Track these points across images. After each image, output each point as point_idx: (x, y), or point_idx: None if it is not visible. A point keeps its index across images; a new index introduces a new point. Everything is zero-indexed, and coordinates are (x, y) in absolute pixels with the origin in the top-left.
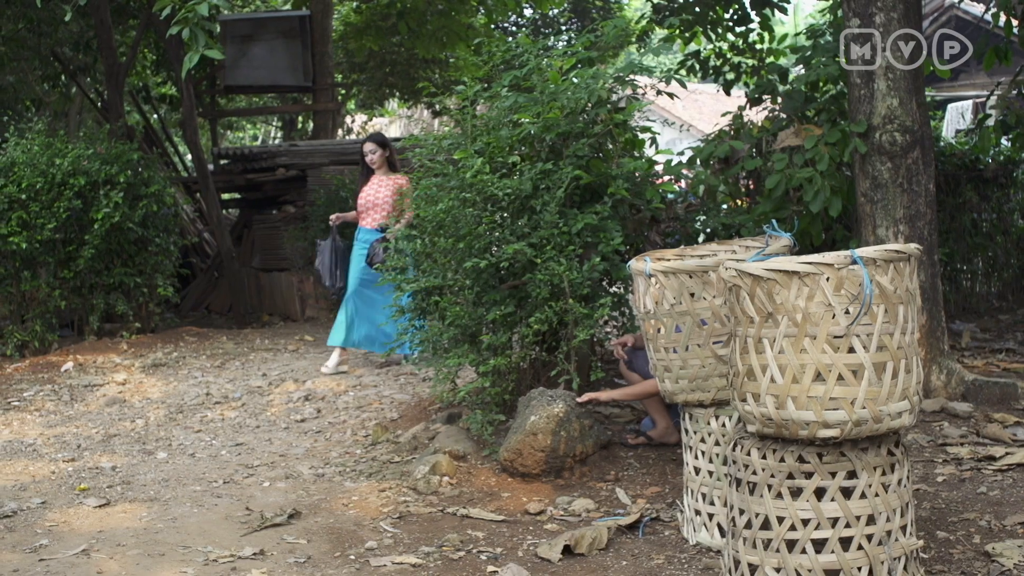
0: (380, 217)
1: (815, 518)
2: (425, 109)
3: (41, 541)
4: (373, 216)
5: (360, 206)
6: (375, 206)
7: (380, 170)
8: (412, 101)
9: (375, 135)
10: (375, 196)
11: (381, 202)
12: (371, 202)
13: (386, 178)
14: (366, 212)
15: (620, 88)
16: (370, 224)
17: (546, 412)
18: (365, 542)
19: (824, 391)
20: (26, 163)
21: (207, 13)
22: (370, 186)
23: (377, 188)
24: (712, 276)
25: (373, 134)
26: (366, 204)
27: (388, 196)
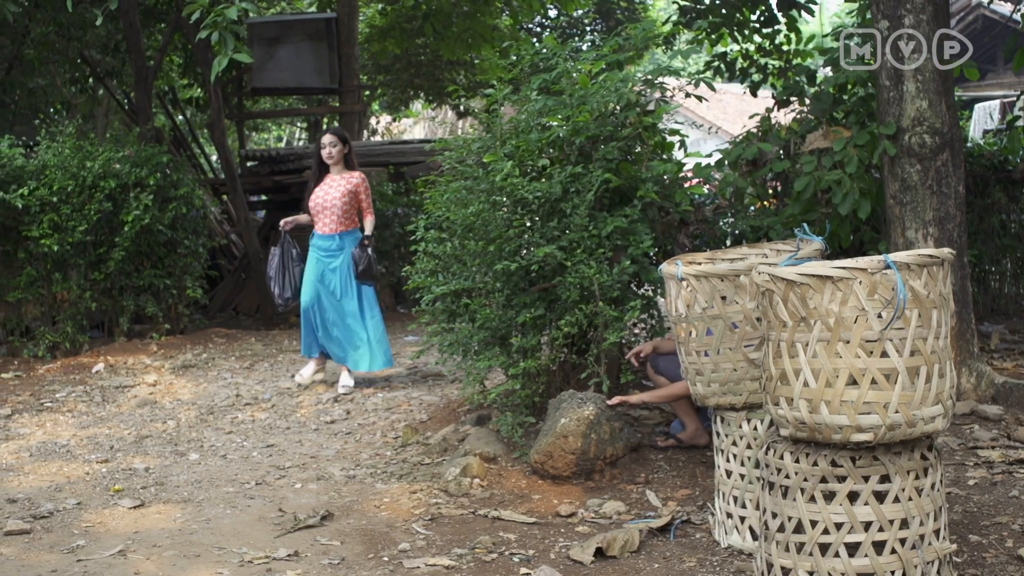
0: (333, 220)
1: (848, 522)
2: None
3: (78, 542)
4: (324, 220)
5: (312, 208)
6: (326, 208)
7: (335, 167)
8: (437, 102)
9: (336, 128)
10: (326, 197)
11: (331, 204)
12: (322, 204)
13: (339, 177)
14: (318, 215)
15: (649, 91)
16: (323, 228)
17: (576, 415)
18: (398, 544)
19: (858, 395)
20: (57, 166)
21: (236, 17)
22: (323, 186)
23: (329, 188)
24: (744, 280)
25: (334, 127)
26: (318, 206)
27: (339, 197)
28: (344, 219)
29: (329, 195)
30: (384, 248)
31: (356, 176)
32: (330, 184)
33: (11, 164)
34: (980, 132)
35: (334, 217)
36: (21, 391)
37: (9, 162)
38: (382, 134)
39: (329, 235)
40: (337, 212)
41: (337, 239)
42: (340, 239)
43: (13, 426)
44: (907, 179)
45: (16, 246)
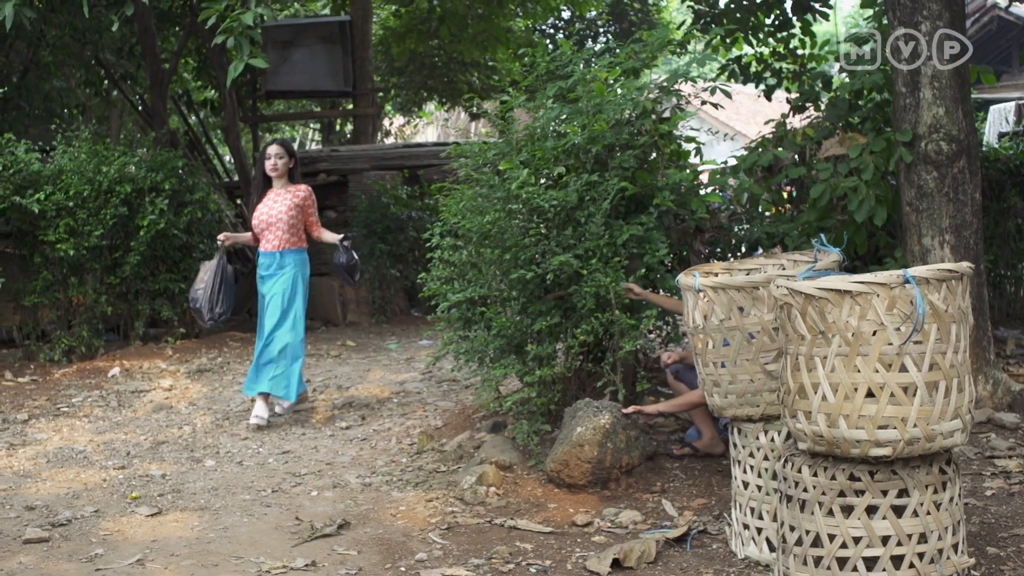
0: (278, 237)
1: (866, 536)
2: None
3: (96, 550)
4: (269, 237)
5: (256, 226)
6: (272, 224)
7: (280, 180)
8: (450, 104)
9: (283, 139)
10: (271, 212)
11: (277, 219)
12: (267, 220)
13: (284, 191)
14: (263, 232)
15: (665, 98)
16: (267, 246)
17: (592, 423)
18: (415, 553)
19: (876, 410)
20: (73, 171)
21: (252, 23)
22: (267, 201)
23: (274, 202)
24: (762, 292)
25: (280, 138)
26: (263, 222)
27: (285, 211)
28: (291, 235)
29: (275, 210)
30: (399, 252)
31: (303, 189)
32: (274, 199)
33: (28, 169)
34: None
35: (279, 233)
36: (38, 396)
37: (26, 167)
38: (395, 136)
39: (271, 252)
40: (284, 227)
41: (279, 257)
42: (282, 257)
43: (30, 431)
44: (923, 186)
45: (32, 250)
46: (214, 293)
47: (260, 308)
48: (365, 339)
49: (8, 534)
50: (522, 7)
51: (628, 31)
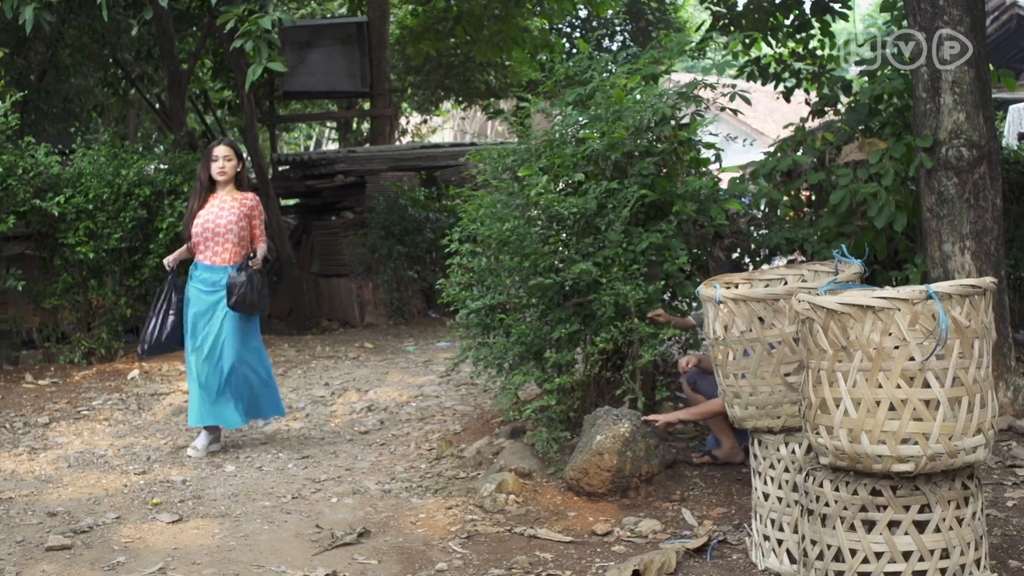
0: (225, 250)
1: (888, 551)
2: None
3: (118, 558)
4: (214, 248)
5: (196, 234)
6: (217, 235)
7: (225, 187)
8: (468, 103)
9: (230, 140)
10: (217, 221)
11: (224, 229)
12: (212, 229)
13: (230, 198)
14: (204, 243)
15: (684, 104)
16: (211, 259)
17: (612, 432)
18: (435, 563)
19: (899, 426)
20: (93, 173)
21: (270, 27)
22: (210, 208)
23: (219, 211)
24: (782, 303)
25: (227, 139)
26: (206, 231)
27: (234, 221)
28: (239, 248)
29: (221, 219)
30: (416, 253)
31: (250, 197)
32: (220, 206)
33: (48, 172)
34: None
35: (227, 245)
36: (58, 398)
37: (46, 170)
38: (412, 134)
39: (220, 267)
40: (232, 239)
41: (230, 271)
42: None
43: (51, 435)
44: (944, 192)
45: (52, 253)
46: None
47: (197, 329)
48: (383, 341)
49: (31, 541)
50: (539, 6)
51: (645, 30)
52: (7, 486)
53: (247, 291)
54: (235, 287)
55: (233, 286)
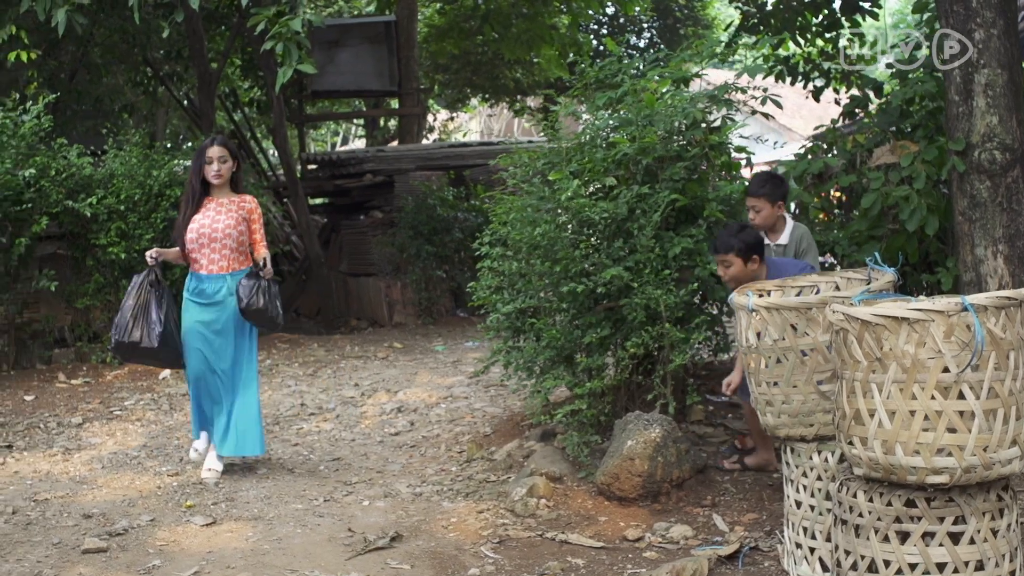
0: (224, 257)
1: (923, 563)
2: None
3: (153, 562)
4: (211, 256)
5: (191, 241)
6: (214, 241)
7: (221, 189)
8: (495, 100)
9: (223, 138)
10: (214, 227)
11: (223, 235)
12: (209, 235)
13: (227, 201)
14: (200, 249)
15: (715, 108)
16: (208, 267)
17: (643, 437)
18: (468, 568)
19: (933, 438)
20: (124, 175)
21: (300, 28)
22: (206, 212)
23: (216, 215)
24: (815, 312)
25: (220, 137)
26: (203, 237)
27: (233, 226)
28: (238, 255)
29: (219, 224)
30: (444, 253)
31: (249, 200)
32: (216, 210)
33: (80, 173)
34: None
35: (226, 252)
36: (91, 398)
37: (78, 171)
38: (439, 131)
39: (217, 275)
40: (231, 245)
41: (228, 280)
42: (231, 280)
43: (85, 435)
44: (976, 196)
45: (85, 253)
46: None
47: (193, 344)
48: (411, 340)
49: (67, 543)
50: (566, 5)
51: (672, 27)
52: (43, 487)
53: (265, 302)
54: (247, 297)
55: (245, 296)
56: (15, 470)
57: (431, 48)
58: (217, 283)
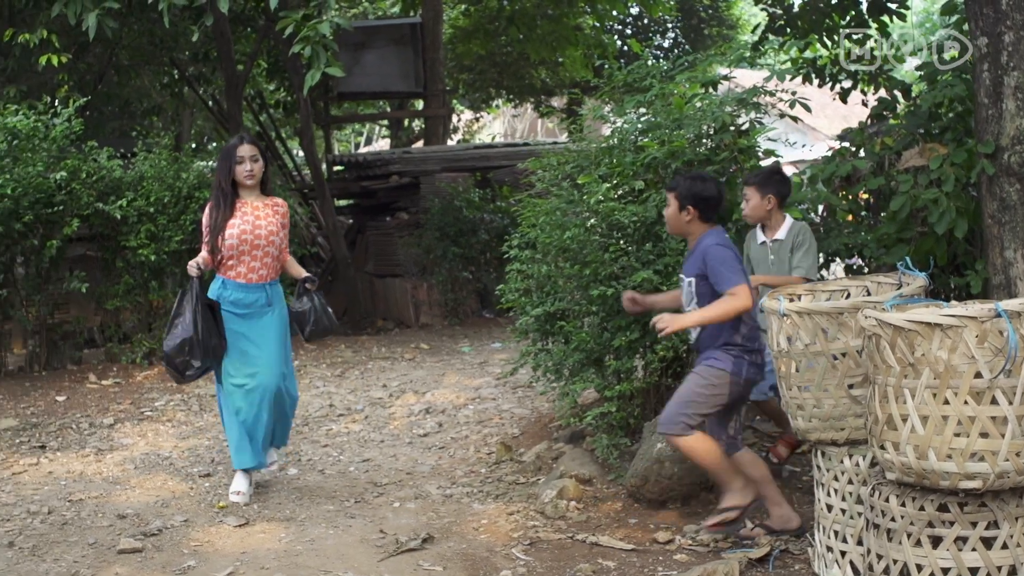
0: (264, 265)
1: (955, 567)
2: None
3: (188, 562)
4: (250, 264)
5: (229, 247)
6: (256, 247)
7: (251, 190)
8: (519, 100)
9: (252, 137)
10: (255, 232)
11: (265, 240)
12: (251, 241)
13: (261, 204)
14: (239, 257)
15: (744, 111)
16: (247, 275)
17: None
18: (499, 570)
19: (966, 443)
20: (154, 177)
21: (329, 32)
22: (243, 216)
23: (256, 219)
24: (847, 316)
25: (249, 135)
26: (244, 243)
27: (274, 232)
28: (277, 263)
29: (260, 228)
30: (471, 254)
31: (282, 204)
32: (254, 214)
33: (110, 176)
34: None
35: (267, 260)
36: (122, 399)
37: (108, 174)
38: (462, 131)
39: (257, 285)
40: (272, 253)
41: (267, 290)
42: (271, 290)
43: (116, 436)
44: (1006, 199)
45: (114, 255)
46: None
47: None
48: (438, 341)
49: (103, 543)
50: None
51: (697, 27)
52: (77, 487)
53: (328, 322)
54: (311, 323)
55: (309, 322)
56: (49, 470)
57: (457, 49)
58: (256, 293)
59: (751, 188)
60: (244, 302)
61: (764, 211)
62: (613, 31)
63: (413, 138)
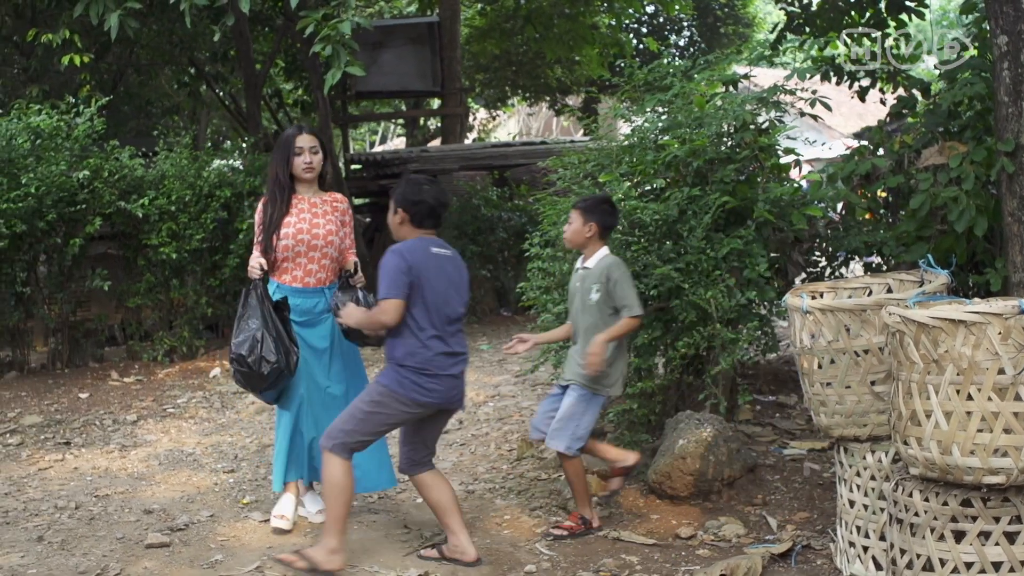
0: (323, 268)
1: (979, 562)
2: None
3: (216, 556)
4: (307, 266)
5: (285, 248)
6: (313, 248)
7: (309, 185)
8: (535, 99)
9: (312, 127)
10: (313, 231)
11: (324, 241)
12: (308, 242)
13: (319, 200)
14: (296, 258)
15: (764, 110)
16: (304, 279)
17: (695, 436)
18: (524, 565)
19: (990, 439)
20: (175, 176)
21: (350, 31)
22: (300, 214)
23: (313, 217)
24: (870, 313)
25: (307, 126)
26: (301, 245)
27: (334, 231)
28: (336, 265)
29: (318, 227)
30: (488, 253)
31: (341, 200)
32: (312, 211)
33: (132, 174)
34: None
35: (325, 263)
36: (144, 396)
37: (130, 172)
38: (478, 130)
39: (314, 289)
40: (331, 254)
41: (326, 295)
42: (330, 295)
43: (140, 433)
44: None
45: (136, 253)
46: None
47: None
48: None
49: (131, 538)
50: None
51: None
52: (103, 483)
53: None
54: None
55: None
56: (75, 466)
57: (473, 48)
58: (314, 298)
59: (576, 212)
60: (301, 308)
61: (583, 237)
62: (629, 30)
63: (429, 137)
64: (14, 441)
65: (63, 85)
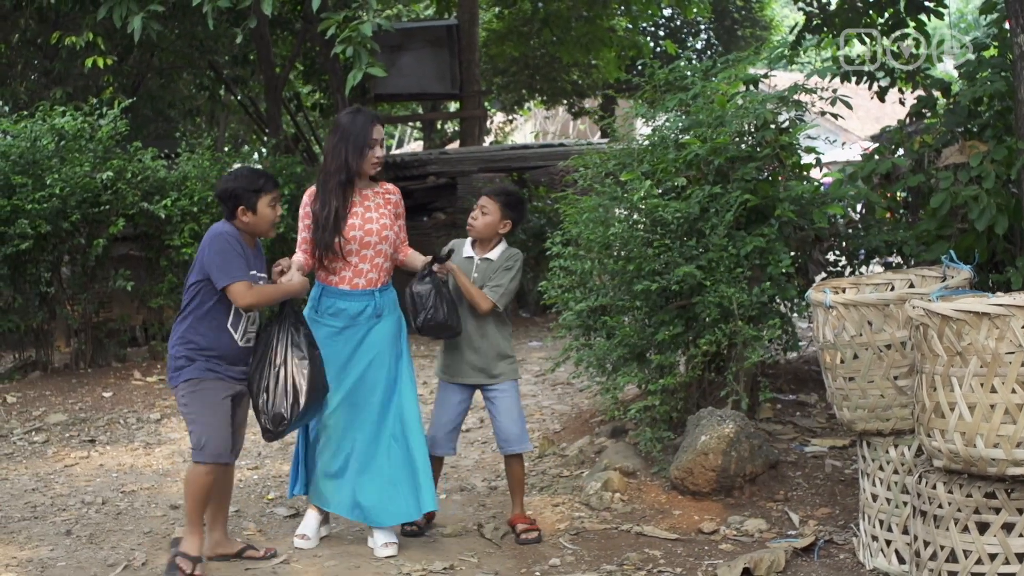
0: (376, 267)
1: (1003, 553)
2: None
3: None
4: (359, 266)
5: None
6: (367, 246)
7: (364, 179)
8: (553, 102)
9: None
10: (366, 227)
11: (377, 238)
12: (361, 239)
13: (371, 192)
14: (347, 258)
15: (785, 109)
16: (353, 281)
17: (717, 432)
18: (548, 559)
19: (1014, 430)
20: (197, 177)
21: (371, 33)
22: (352, 207)
23: (365, 210)
24: (892, 308)
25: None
26: (351, 243)
27: (388, 226)
28: (391, 264)
29: (372, 223)
30: None
31: (394, 191)
32: (363, 205)
33: (154, 176)
34: None
35: (378, 261)
36: (167, 395)
37: (152, 174)
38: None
39: (363, 292)
40: (385, 252)
41: (376, 297)
42: (381, 297)
43: (163, 431)
44: None
45: (158, 254)
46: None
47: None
48: None
49: (158, 532)
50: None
51: (730, 28)
52: (128, 479)
53: (440, 309)
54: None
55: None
56: (100, 463)
57: (491, 51)
58: (363, 302)
59: (495, 204)
60: (348, 313)
61: (495, 232)
62: (646, 33)
63: (446, 140)
64: (39, 439)
65: (86, 87)
